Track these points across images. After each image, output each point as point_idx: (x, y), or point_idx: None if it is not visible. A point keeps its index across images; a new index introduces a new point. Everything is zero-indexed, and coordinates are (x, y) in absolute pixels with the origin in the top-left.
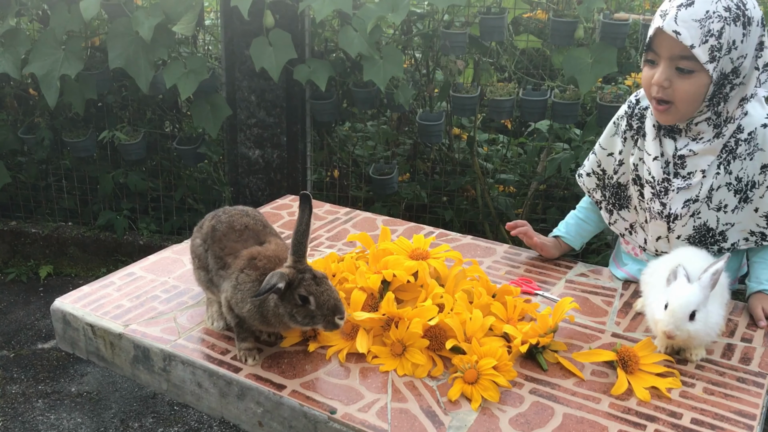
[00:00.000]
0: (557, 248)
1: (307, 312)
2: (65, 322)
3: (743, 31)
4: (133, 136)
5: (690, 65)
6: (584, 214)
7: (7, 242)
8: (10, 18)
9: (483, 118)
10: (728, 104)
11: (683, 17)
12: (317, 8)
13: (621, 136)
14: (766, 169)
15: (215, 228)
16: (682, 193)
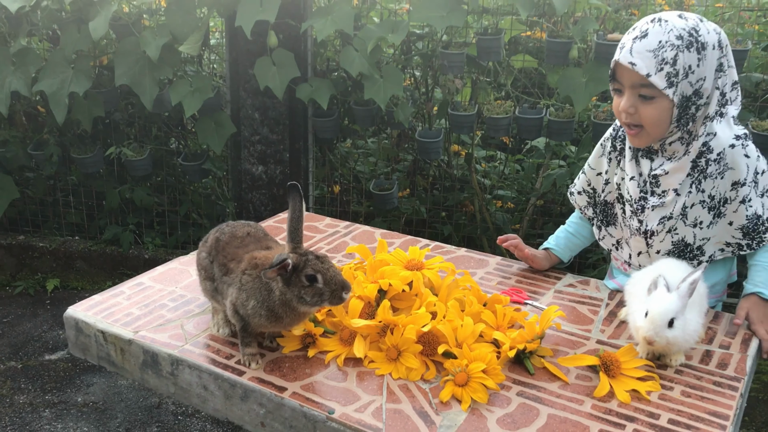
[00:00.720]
0: (547, 260)
1: (315, 291)
2: (78, 329)
3: (698, 56)
4: (140, 153)
5: (650, 92)
6: (573, 228)
7: (15, 256)
8: (21, 38)
9: (483, 135)
10: (698, 123)
11: (638, 49)
12: (319, 29)
13: (606, 156)
14: (736, 186)
15: (219, 239)
16: (657, 211)
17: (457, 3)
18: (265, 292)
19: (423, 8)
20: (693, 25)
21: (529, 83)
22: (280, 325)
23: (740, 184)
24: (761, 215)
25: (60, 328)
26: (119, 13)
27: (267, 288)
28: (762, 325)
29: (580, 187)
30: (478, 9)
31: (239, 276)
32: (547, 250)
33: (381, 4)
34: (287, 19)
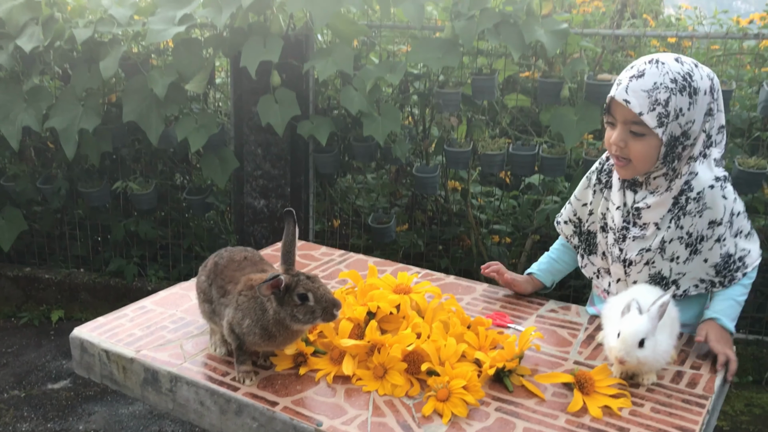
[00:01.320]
0: (529, 284)
1: (307, 309)
2: (82, 349)
3: (689, 100)
4: (145, 187)
5: (641, 129)
6: (556, 254)
7: (21, 287)
8: (34, 76)
9: (482, 172)
10: (683, 162)
11: (633, 87)
12: (321, 69)
13: (592, 188)
14: (713, 225)
15: (217, 263)
16: (638, 242)
17: (453, 45)
18: (259, 311)
19: (420, 50)
20: (688, 70)
21: (523, 121)
22: (273, 344)
23: (717, 224)
24: (733, 254)
25: (63, 357)
26: (128, 53)
27: (261, 307)
28: (719, 343)
29: (567, 217)
30: (473, 51)
31: (235, 296)
32: (530, 275)
33: (380, 45)
34: (290, 60)
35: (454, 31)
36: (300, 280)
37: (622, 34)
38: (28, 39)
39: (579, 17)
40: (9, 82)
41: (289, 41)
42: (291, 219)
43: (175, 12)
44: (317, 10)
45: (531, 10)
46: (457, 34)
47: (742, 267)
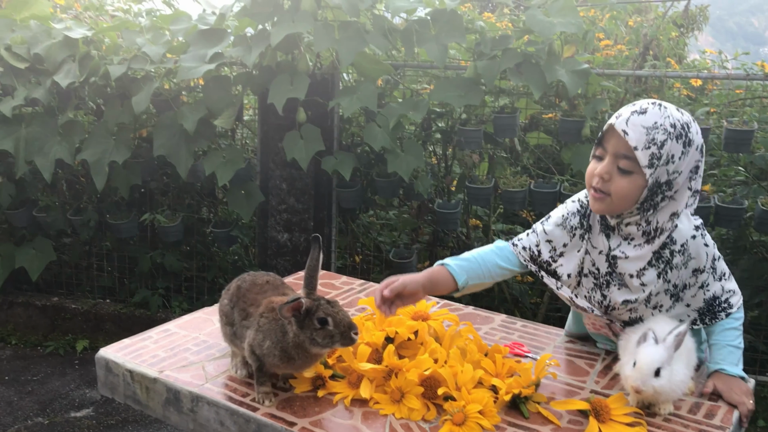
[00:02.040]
0: (429, 281)
1: (326, 333)
2: (107, 369)
3: (683, 150)
4: (172, 220)
5: (630, 166)
6: (483, 257)
7: (48, 317)
8: (69, 111)
9: (502, 209)
10: (658, 214)
11: (634, 121)
12: (345, 106)
13: (570, 231)
14: (696, 273)
15: (240, 287)
16: (623, 291)
17: (475, 84)
18: (279, 333)
19: (443, 88)
20: (686, 121)
21: (545, 159)
22: (292, 367)
23: (700, 271)
24: (719, 296)
25: (87, 387)
26: (160, 89)
27: (282, 330)
28: (732, 393)
29: (527, 244)
30: (495, 90)
31: (257, 319)
32: (441, 266)
33: (404, 84)
34: (316, 97)
35: (476, 71)
36: (321, 304)
37: (642, 74)
38: (65, 75)
39: (600, 58)
40: (45, 117)
41: (316, 79)
42: (317, 245)
43: (206, 50)
44: (343, 50)
45: (552, 50)
46: (480, 73)
47: (727, 307)
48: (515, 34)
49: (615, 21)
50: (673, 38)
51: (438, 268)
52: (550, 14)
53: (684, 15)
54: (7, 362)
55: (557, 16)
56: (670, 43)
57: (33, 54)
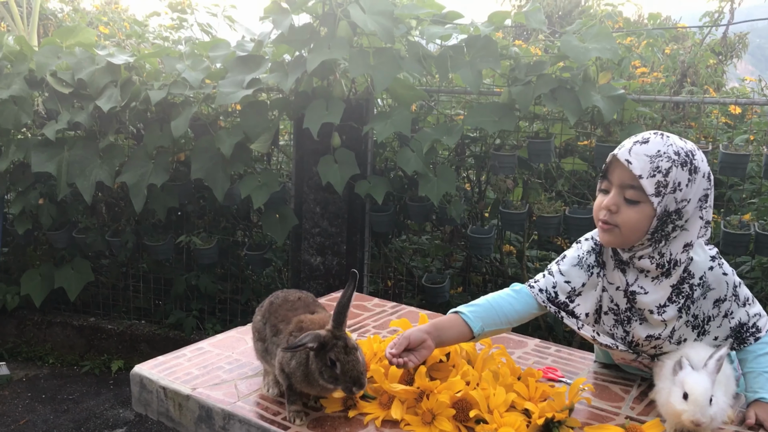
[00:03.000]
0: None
1: (332, 373)
2: (141, 386)
3: (689, 177)
4: (208, 242)
5: (636, 196)
6: (500, 302)
7: (85, 337)
8: (110, 134)
9: (537, 235)
10: (670, 245)
11: (637, 151)
12: (380, 131)
13: (587, 270)
14: (718, 303)
15: (272, 302)
16: (645, 326)
17: (509, 109)
18: (304, 355)
19: (477, 113)
20: (690, 149)
21: (579, 185)
22: (314, 389)
23: (721, 301)
24: (745, 322)
25: (121, 406)
26: (199, 114)
27: (306, 352)
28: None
29: (544, 286)
30: (530, 115)
31: (286, 336)
32: (456, 314)
33: (438, 110)
34: (350, 122)
35: (510, 96)
36: (336, 345)
37: (679, 100)
38: (107, 100)
39: (636, 84)
40: (87, 140)
41: (350, 104)
42: (353, 281)
43: (244, 76)
44: (378, 76)
45: (588, 76)
46: (514, 98)
47: (755, 332)
48: (550, 60)
49: (652, 48)
50: (711, 66)
51: (451, 316)
52: (585, 40)
53: (722, 42)
54: (45, 381)
55: (592, 41)
56: (708, 71)
57: (77, 79)
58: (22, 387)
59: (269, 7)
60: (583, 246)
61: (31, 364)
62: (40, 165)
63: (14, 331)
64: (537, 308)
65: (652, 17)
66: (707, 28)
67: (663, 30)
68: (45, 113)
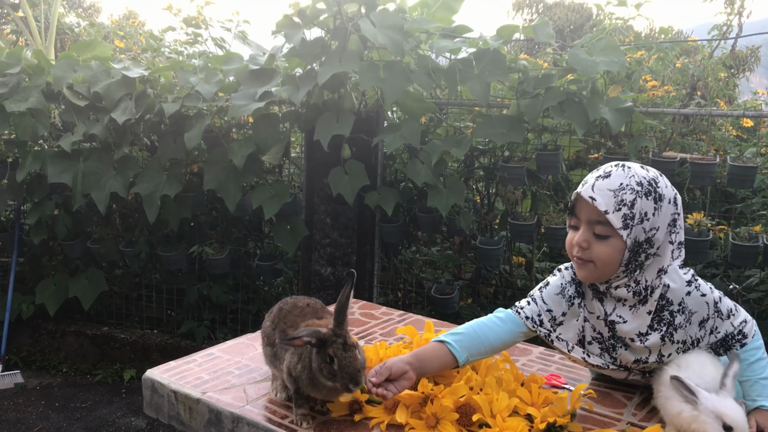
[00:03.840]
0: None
1: (330, 370)
2: (153, 390)
3: (654, 206)
4: (220, 252)
5: (605, 231)
6: (484, 329)
7: (98, 346)
8: (125, 146)
9: (546, 247)
10: (645, 273)
11: (599, 186)
12: (389, 142)
13: (568, 300)
14: (703, 324)
15: (282, 308)
16: (630, 351)
17: (518, 122)
18: (308, 358)
19: (486, 125)
20: (653, 177)
21: None
22: (320, 393)
23: (705, 321)
24: (731, 332)
25: (133, 415)
26: (211, 126)
27: (311, 355)
28: None
29: (529, 314)
30: (538, 127)
31: None
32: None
33: (447, 122)
34: (361, 134)
35: (519, 109)
36: (335, 342)
37: (687, 113)
38: (122, 112)
39: (644, 97)
40: (102, 152)
41: (361, 117)
42: (350, 281)
43: (256, 89)
44: (388, 88)
45: (596, 88)
46: (523, 111)
47: (741, 338)
48: (558, 73)
49: (662, 62)
50: (722, 79)
51: (435, 345)
52: (593, 53)
53: (732, 55)
54: (58, 389)
55: (600, 55)
56: (719, 84)
57: (93, 92)
58: (35, 395)
59: (281, 22)
60: (565, 276)
61: (45, 372)
62: (56, 176)
63: (29, 340)
64: (523, 333)
65: (662, 31)
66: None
67: (673, 43)
68: (61, 125)
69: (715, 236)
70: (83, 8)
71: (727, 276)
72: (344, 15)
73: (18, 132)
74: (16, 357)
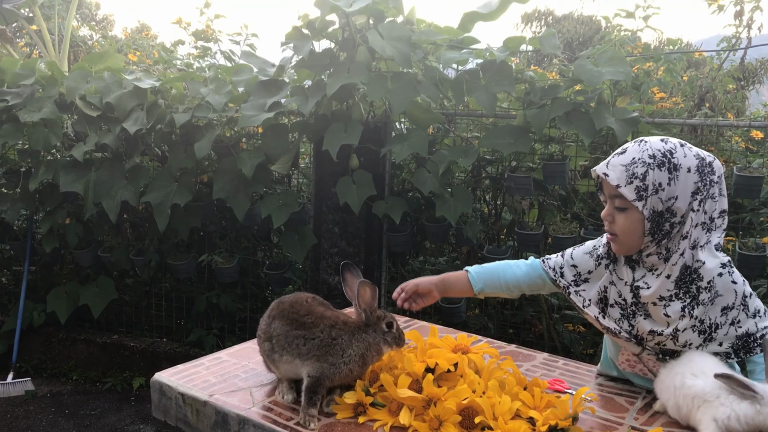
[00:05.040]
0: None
1: (392, 335)
2: (161, 393)
3: (669, 176)
4: (229, 261)
5: (623, 203)
6: (504, 270)
7: (107, 354)
8: (136, 156)
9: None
10: (674, 240)
11: (613, 162)
12: (397, 152)
13: (596, 260)
14: (725, 311)
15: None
16: (649, 321)
17: (525, 132)
18: (360, 341)
19: (492, 135)
20: (670, 148)
21: (595, 206)
22: (363, 371)
23: (729, 309)
24: (753, 333)
25: (141, 422)
26: (221, 136)
27: (360, 339)
28: None
29: (553, 265)
30: (545, 137)
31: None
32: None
33: (455, 133)
34: (369, 144)
35: (525, 119)
36: (384, 316)
37: (692, 123)
38: (133, 122)
39: (650, 107)
40: (113, 161)
41: (369, 127)
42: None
43: (265, 100)
44: (396, 99)
45: (602, 99)
46: (529, 121)
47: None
48: (565, 84)
49: (670, 73)
50: (730, 91)
51: (459, 273)
52: (599, 64)
53: (741, 68)
54: (68, 396)
55: (606, 65)
56: (727, 96)
57: (105, 103)
58: (46, 402)
59: (291, 33)
60: (601, 240)
61: (56, 380)
62: (68, 185)
63: (40, 348)
64: (543, 282)
65: (671, 42)
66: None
67: (681, 54)
68: (74, 135)
69: (724, 247)
70: (96, 21)
71: None
72: (353, 27)
73: (31, 142)
74: (28, 365)
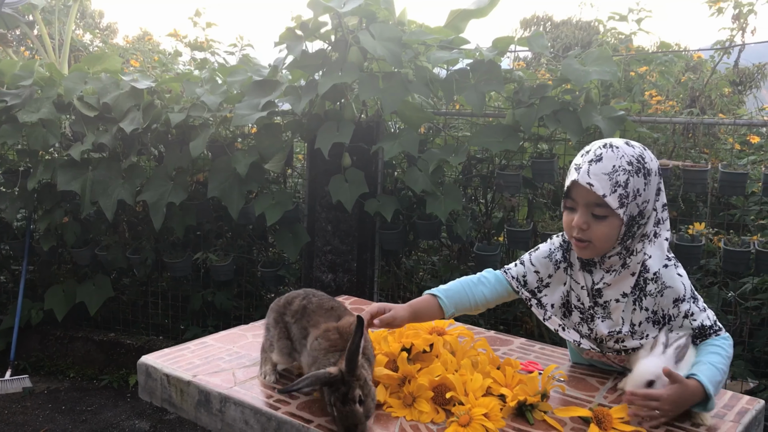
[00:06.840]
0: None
1: (331, 413)
2: (147, 374)
3: (644, 181)
4: (224, 259)
5: (603, 211)
6: (471, 287)
7: (104, 351)
8: (132, 155)
9: None
10: (635, 241)
11: (594, 171)
12: (388, 150)
13: (555, 264)
14: (677, 302)
15: (306, 307)
16: (607, 322)
17: (513, 130)
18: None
19: (482, 134)
20: (639, 153)
21: None
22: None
23: (680, 301)
24: (708, 325)
25: (137, 418)
26: (216, 135)
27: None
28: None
29: (515, 274)
30: (533, 136)
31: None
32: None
33: (445, 132)
34: (361, 143)
35: (514, 118)
36: (338, 392)
37: (678, 121)
38: (130, 122)
39: (637, 106)
40: (110, 161)
41: (361, 126)
42: (359, 329)
43: (259, 99)
44: (387, 99)
45: (590, 98)
46: (518, 120)
47: (718, 330)
48: (554, 83)
49: (664, 75)
50: (726, 94)
51: (427, 297)
52: (586, 63)
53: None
54: (65, 393)
55: (593, 65)
56: (723, 100)
57: (102, 103)
58: (43, 399)
59: (284, 34)
60: (554, 242)
61: (53, 377)
62: (66, 184)
63: (38, 346)
64: (508, 293)
65: (663, 46)
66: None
67: (674, 57)
68: (71, 135)
69: (714, 245)
70: (100, 29)
71: (725, 284)
72: (345, 28)
73: (29, 142)
74: (25, 362)
